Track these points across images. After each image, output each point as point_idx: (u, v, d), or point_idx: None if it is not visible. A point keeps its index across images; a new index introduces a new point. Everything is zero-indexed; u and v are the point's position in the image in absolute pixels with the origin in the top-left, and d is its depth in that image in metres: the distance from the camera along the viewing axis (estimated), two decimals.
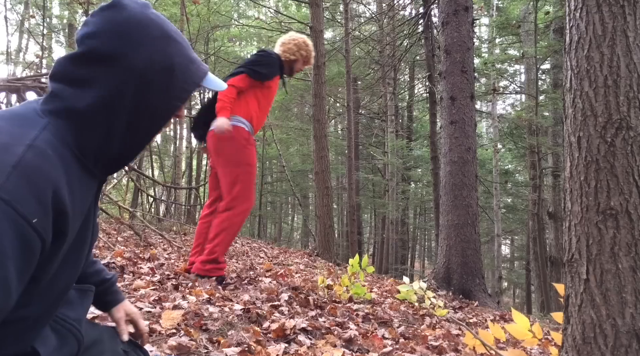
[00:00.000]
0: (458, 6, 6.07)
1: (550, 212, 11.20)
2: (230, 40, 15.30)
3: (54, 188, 0.71)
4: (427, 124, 13.63)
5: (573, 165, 1.50)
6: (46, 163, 0.72)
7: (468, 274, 5.58)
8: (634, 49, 1.44)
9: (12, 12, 14.50)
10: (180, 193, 14.63)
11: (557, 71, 11.33)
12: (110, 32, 0.81)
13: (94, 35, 0.81)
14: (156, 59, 0.84)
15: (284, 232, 22.29)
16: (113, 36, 0.81)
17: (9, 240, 0.65)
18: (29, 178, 0.68)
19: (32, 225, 0.67)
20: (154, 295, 2.63)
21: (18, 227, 0.66)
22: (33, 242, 0.68)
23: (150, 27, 0.84)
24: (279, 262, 6.12)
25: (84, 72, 0.81)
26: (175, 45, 0.88)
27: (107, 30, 0.81)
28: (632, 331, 1.32)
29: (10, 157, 0.68)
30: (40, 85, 4.52)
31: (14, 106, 0.85)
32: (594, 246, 1.41)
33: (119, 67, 0.81)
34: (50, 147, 0.74)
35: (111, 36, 0.81)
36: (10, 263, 0.65)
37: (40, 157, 0.72)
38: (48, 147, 0.74)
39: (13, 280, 0.66)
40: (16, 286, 0.68)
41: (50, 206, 0.70)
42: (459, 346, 2.67)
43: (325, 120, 9.34)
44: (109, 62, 0.81)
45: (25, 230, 0.66)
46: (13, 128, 0.73)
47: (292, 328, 2.35)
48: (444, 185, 5.99)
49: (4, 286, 0.65)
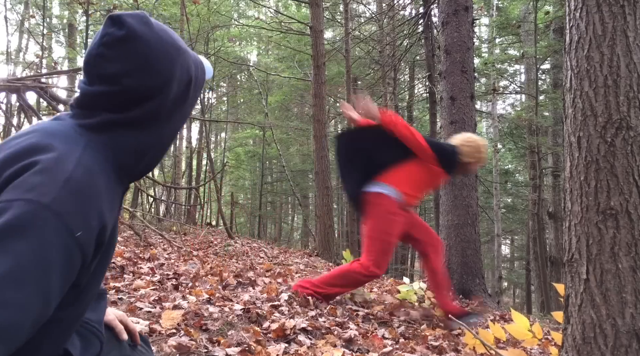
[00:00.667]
0: (458, 6, 6.07)
1: (550, 212, 11.20)
2: (230, 40, 15.28)
3: (97, 204, 0.76)
4: (427, 124, 13.63)
5: (573, 165, 1.50)
6: (92, 180, 0.77)
7: (468, 274, 5.58)
8: (634, 49, 1.44)
9: (12, 12, 14.50)
10: (180, 193, 14.62)
11: (557, 71, 11.33)
12: (140, 68, 0.83)
13: (126, 74, 0.83)
14: (183, 79, 0.90)
15: (284, 232, 22.27)
16: (144, 72, 0.84)
17: (57, 253, 0.68)
18: (78, 194, 0.73)
19: (76, 239, 0.71)
20: (154, 295, 2.64)
21: (64, 240, 0.69)
22: (75, 255, 0.71)
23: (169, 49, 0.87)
24: (279, 262, 6.12)
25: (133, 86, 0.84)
26: (186, 55, 0.92)
27: (136, 67, 0.83)
28: (632, 331, 1.32)
29: (62, 173, 0.72)
30: (40, 85, 4.52)
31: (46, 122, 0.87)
32: (594, 246, 1.41)
33: (156, 99, 0.86)
34: (95, 164, 0.79)
35: (143, 73, 0.84)
36: (55, 274, 0.69)
37: (88, 173, 0.76)
38: (94, 163, 0.79)
39: (55, 290, 0.70)
40: (56, 297, 0.71)
41: (93, 221, 0.74)
42: (459, 346, 2.67)
43: (325, 120, 9.34)
44: (147, 97, 0.85)
45: (70, 243, 0.70)
46: (60, 145, 0.77)
47: (292, 328, 2.35)
48: (443, 185, 5.99)
49: (45, 297, 0.68)
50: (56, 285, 0.69)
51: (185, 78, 0.90)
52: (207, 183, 15.29)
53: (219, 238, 8.30)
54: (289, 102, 17.16)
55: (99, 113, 0.83)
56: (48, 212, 0.68)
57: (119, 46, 0.83)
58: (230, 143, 18.77)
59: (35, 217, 0.67)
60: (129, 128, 0.85)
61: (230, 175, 19.33)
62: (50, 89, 4.71)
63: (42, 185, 0.70)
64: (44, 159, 0.73)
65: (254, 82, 15.81)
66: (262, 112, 15.85)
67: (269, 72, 14.24)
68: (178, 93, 0.89)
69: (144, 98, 0.85)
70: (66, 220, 0.69)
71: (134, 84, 0.83)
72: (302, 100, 17.44)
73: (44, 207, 0.68)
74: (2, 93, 4.59)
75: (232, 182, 20.40)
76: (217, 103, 19.08)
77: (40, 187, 0.69)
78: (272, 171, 19.77)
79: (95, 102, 0.84)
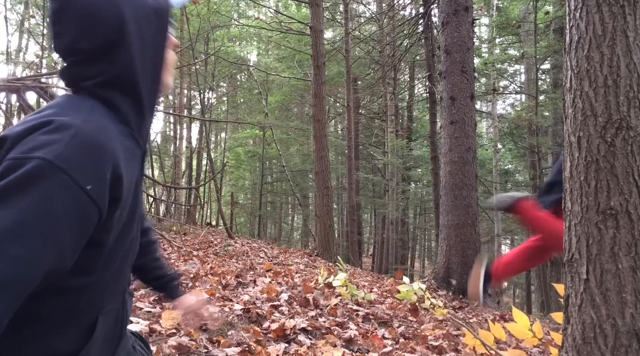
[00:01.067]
0: (458, 6, 6.07)
1: None
2: (230, 40, 15.29)
3: (110, 157, 0.77)
4: (427, 124, 13.62)
5: (573, 165, 1.50)
6: (102, 134, 0.78)
7: (468, 274, 5.58)
8: (634, 49, 1.44)
9: (12, 12, 14.50)
10: (180, 193, 14.63)
11: (557, 71, 11.33)
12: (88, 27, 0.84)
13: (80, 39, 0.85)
14: (138, 14, 0.88)
15: (284, 232, 22.27)
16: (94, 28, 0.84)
17: (64, 207, 0.70)
18: (86, 147, 0.74)
19: (87, 192, 0.72)
20: (154, 295, 2.64)
21: (74, 194, 0.71)
22: (88, 208, 0.73)
23: None
24: (279, 262, 6.12)
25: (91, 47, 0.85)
26: None
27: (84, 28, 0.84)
28: (632, 331, 1.32)
29: (70, 130, 0.74)
30: (40, 85, 4.52)
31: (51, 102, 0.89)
32: (594, 246, 1.41)
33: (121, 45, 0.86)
34: (104, 120, 0.82)
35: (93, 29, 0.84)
36: (65, 228, 0.70)
37: (97, 128, 0.78)
38: (103, 120, 0.82)
39: (68, 243, 0.71)
40: (72, 250, 0.73)
41: (106, 173, 0.76)
42: (459, 346, 2.67)
43: (325, 120, 9.34)
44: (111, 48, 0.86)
45: (80, 197, 0.71)
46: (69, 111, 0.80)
47: (292, 328, 2.35)
48: (444, 185, 5.99)
49: (57, 250, 0.70)
50: (68, 237, 0.71)
51: (141, 12, 0.89)
52: (207, 183, 15.30)
53: (219, 238, 8.30)
54: (289, 102, 17.15)
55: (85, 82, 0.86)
56: (53, 167, 0.69)
57: (60, 17, 0.85)
58: (230, 143, 18.77)
59: (40, 172, 0.69)
60: (113, 82, 0.86)
61: (230, 175, 19.34)
62: (50, 89, 4.70)
63: (49, 143, 0.72)
64: (55, 120, 0.76)
65: (254, 82, 15.81)
66: (262, 112, 15.86)
67: (269, 72, 14.25)
68: (141, 30, 0.89)
69: (109, 50, 0.85)
70: (74, 174, 0.71)
71: (91, 43, 0.84)
72: (302, 100, 17.45)
73: (49, 163, 0.69)
74: (2, 93, 4.59)
75: (232, 182, 20.40)
76: (217, 103, 19.08)
77: (47, 144, 0.71)
78: (272, 171, 19.77)
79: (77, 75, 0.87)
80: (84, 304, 0.84)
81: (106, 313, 0.89)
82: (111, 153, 0.78)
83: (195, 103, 15.86)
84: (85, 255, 0.79)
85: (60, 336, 0.81)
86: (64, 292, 0.80)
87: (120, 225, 0.84)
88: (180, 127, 16.29)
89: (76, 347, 0.84)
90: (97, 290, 0.85)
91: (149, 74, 0.92)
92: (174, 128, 17.16)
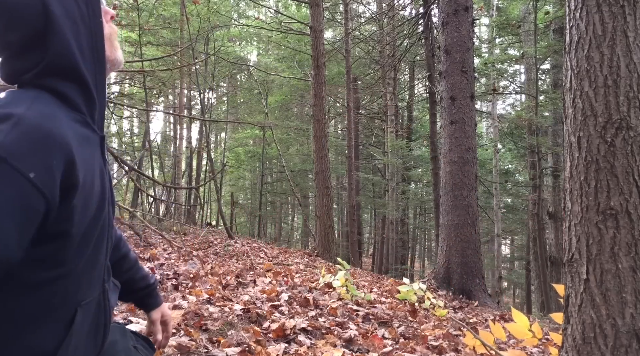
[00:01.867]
0: (458, 6, 6.07)
1: (550, 212, 11.19)
2: (230, 40, 15.28)
3: (58, 143, 0.74)
4: (427, 124, 13.62)
5: (573, 165, 1.50)
6: (47, 120, 0.75)
7: (468, 274, 5.58)
8: (634, 49, 1.44)
9: None
10: (180, 193, 14.63)
11: (557, 71, 11.33)
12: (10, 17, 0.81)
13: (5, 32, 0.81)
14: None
15: (284, 232, 22.27)
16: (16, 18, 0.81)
17: (4, 196, 0.68)
18: (29, 135, 0.72)
19: (31, 180, 0.70)
20: None
21: (15, 183, 0.69)
22: (33, 197, 0.71)
23: None
24: (279, 262, 6.12)
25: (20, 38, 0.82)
26: None
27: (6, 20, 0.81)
28: (632, 331, 1.32)
29: (10, 120, 0.72)
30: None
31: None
32: (594, 246, 1.41)
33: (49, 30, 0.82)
34: (48, 108, 0.79)
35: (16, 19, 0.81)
36: (6, 218, 0.68)
37: (40, 115, 0.75)
38: (47, 107, 0.78)
39: (11, 234, 0.69)
40: (17, 240, 0.71)
41: (53, 161, 0.73)
42: (459, 346, 2.67)
43: (325, 120, 9.34)
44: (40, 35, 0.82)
45: (23, 186, 0.69)
46: (8, 104, 0.77)
47: (292, 328, 2.35)
48: (444, 185, 5.99)
49: (1, 240, 0.68)
50: (10, 227, 0.69)
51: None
52: (207, 183, 15.29)
53: (219, 238, 8.30)
54: (289, 102, 17.15)
55: (24, 75, 0.83)
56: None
57: None
58: (230, 143, 18.77)
59: None
60: (51, 69, 0.83)
61: (230, 175, 19.33)
62: None
63: None
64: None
65: (254, 82, 15.81)
66: (262, 112, 15.85)
67: (269, 72, 14.25)
68: (68, 10, 0.84)
69: (39, 38, 0.82)
70: (15, 163, 0.69)
71: (19, 34, 0.81)
72: (302, 100, 17.45)
73: None
74: (2, 93, 4.59)
75: (232, 182, 20.40)
76: (217, 103, 19.08)
77: None
78: (272, 171, 19.77)
79: (14, 70, 0.84)
80: (59, 297, 0.82)
81: (85, 305, 0.87)
82: (59, 140, 0.75)
83: (195, 103, 15.85)
84: (52, 247, 0.77)
85: (39, 333, 0.80)
86: (37, 287, 0.78)
87: (87, 214, 0.82)
88: (180, 127, 16.29)
89: (57, 343, 0.82)
90: (71, 281, 0.83)
91: (89, 54, 0.87)
92: (174, 128, 17.16)
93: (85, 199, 0.81)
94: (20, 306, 0.78)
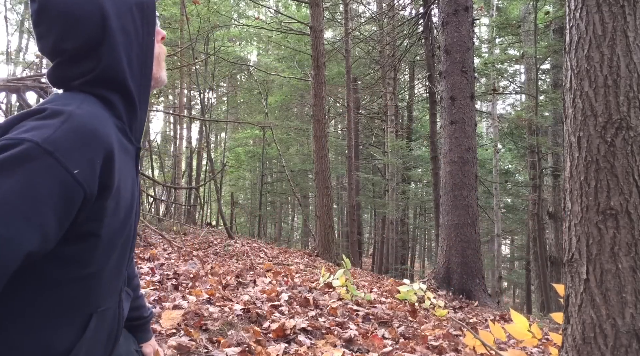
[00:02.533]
0: (458, 6, 6.07)
1: (550, 212, 11.19)
2: (230, 40, 15.28)
3: (102, 141, 0.77)
4: (427, 124, 13.62)
5: (573, 165, 1.50)
6: (94, 119, 0.79)
7: (468, 274, 5.58)
8: (634, 49, 1.44)
9: (12, 12, 14.49)
10: (180, 193, 14.62)
11: (557, 71, 11.32)
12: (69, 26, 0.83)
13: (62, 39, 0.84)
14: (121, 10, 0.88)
15: (284, 232, 22.27)
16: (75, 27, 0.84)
17: (48, 190, 0.70)
18: (76, 131, 0.74)
19: (74, 176, 0.72)
20: (154, 295, 2.64)
21: (59, 177, 0.71)
22: (74, 191, 0.73)
23: None
24: (279, 262, 6.12)
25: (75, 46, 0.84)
26: None
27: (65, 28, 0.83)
28: (632, 331, 1.32)
29: (61, 115, 0.75)
30: (40, 85, 4.52)
31: None
32: (594, 246, 1.41)
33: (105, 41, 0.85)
34: (96, 109, 0.82)
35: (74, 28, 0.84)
36: (48, 210, 0.71)
37: (89, 114, 0.79)
38: (95, 109, 0.82)
39: (51, 226, 0.72)
40: (55, 232, 0.73)
41: (96, 158, 0.76)
42: (459, 346, 2.67)
43: (325, 120, 9.34)
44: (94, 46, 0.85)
45: (66, 180, 0.72)
46: (59, 102, 0.80)
47: (292, 328, 2.35)
48: (444, 185, 5.99)
49: (41, 231, 0.70)
50: (51, 220, 0.71)
51: (123, 7, 0.88)
52: (207, 183, 15.29)
53: (219, 238, 8.30)
54: (289, 102, 17.15)
55: (72, 82, 0.86)
56: (40, 149, 0.70)
57: (40, 19, 0.84)
58: (230, 143, 18.77)
59: (27, 155, 0.69)
60: (100, 80, 0.86)
61: (230, 175, 19.33)
62: (50, 89, 4.70)
63: (40, 127, 0.73)
64: (47, 108, 0.77)
65: (254, 82, 15.81)
66: (262, 112, 15.85)
67: (269, 72, 14.24)
68: (125, 25, 0.88)
69: (93, 48, 0.85)
70: (61, 157, 0.71)
71: (74, 42, 0.84)
72: (302, 100, 17.44)
73: (36, 145, 0.70)
74: (2, 93, 4.59)
75: (232, 182, 20.40)
76: (217, 103, 19.08)
77: (38, 128, 0.72)
78: (272, 171, 19.77)
79: (63, 76, 0.87)
80: (80, 299, 0.83)
81: (102, 312, 0.88)
82: (104, 138, 0.78)
83: (195, 103, 15.85)
84: (79, 247, 0.78)
85: (54, 332, 0.81)
86: (57, 285, 0.79)
87: (116, 219, 0.83)
88: (180, 127, 16.29)
89: (70, 344, 0.83)
90: (94, 284, 0.84)
91: (137, 69, 0.90)
92: (174, 128, 17.16)
93: (117, 204, 0.83)
94: (38, 302, 0.79)
